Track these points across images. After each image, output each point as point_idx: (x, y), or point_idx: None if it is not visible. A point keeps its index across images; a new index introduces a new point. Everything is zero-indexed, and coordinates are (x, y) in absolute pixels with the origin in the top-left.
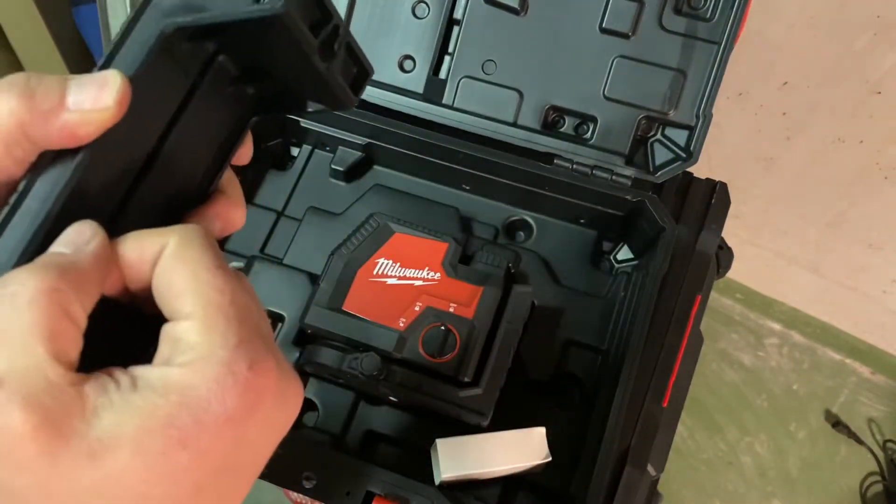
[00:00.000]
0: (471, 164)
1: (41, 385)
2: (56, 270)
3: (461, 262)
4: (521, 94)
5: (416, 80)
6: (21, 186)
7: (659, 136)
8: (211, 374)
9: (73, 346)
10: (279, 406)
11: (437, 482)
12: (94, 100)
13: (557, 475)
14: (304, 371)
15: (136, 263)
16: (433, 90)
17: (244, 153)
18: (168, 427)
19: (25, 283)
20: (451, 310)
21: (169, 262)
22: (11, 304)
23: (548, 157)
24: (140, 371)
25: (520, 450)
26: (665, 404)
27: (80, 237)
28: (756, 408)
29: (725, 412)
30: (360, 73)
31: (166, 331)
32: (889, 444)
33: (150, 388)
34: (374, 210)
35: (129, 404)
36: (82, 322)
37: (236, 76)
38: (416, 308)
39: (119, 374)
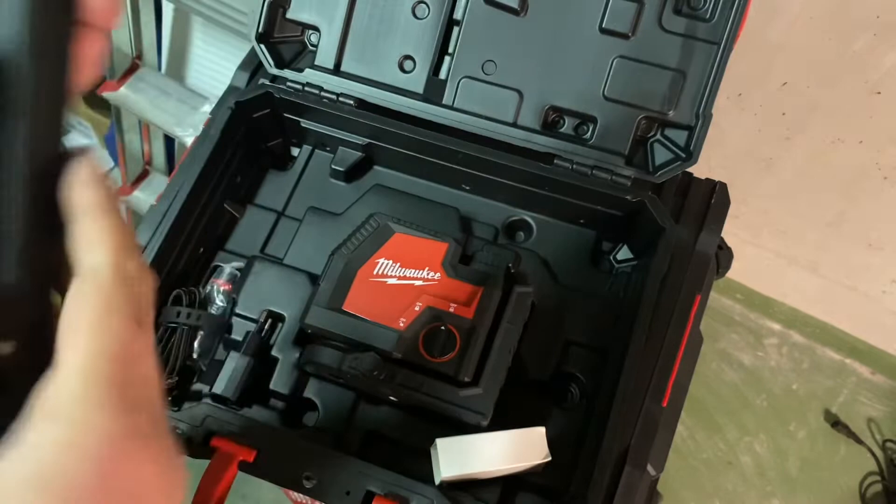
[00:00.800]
0: (471, 165)
1: None
2: None
3: (461, 262)
4: (521, 94)
5: (416, 80)
6: None
7: (659, 136)
8: (84, 455)
9: None
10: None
11: (437, 482)
12: None
13: (557, 475)
14: (305, 371)
15: None
16: (433, 90)
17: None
18: None
19: None
20: (451, 310)
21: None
22: None
23: (548, 158)
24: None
25: (520, 449)
26: (665, 404)
27: None
28: (756, 408)
29: (725, 412)
30: None
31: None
32: (888, 444)
33: (23, 482)
34: (374, 210)
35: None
36: None
37: None
38: (416, 308)
39: None
